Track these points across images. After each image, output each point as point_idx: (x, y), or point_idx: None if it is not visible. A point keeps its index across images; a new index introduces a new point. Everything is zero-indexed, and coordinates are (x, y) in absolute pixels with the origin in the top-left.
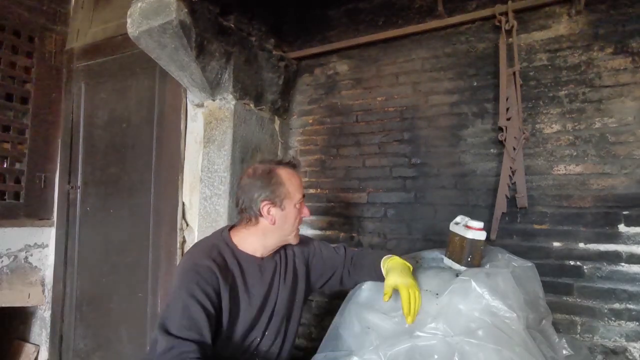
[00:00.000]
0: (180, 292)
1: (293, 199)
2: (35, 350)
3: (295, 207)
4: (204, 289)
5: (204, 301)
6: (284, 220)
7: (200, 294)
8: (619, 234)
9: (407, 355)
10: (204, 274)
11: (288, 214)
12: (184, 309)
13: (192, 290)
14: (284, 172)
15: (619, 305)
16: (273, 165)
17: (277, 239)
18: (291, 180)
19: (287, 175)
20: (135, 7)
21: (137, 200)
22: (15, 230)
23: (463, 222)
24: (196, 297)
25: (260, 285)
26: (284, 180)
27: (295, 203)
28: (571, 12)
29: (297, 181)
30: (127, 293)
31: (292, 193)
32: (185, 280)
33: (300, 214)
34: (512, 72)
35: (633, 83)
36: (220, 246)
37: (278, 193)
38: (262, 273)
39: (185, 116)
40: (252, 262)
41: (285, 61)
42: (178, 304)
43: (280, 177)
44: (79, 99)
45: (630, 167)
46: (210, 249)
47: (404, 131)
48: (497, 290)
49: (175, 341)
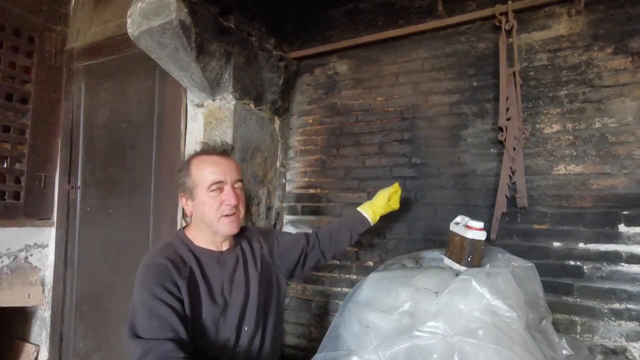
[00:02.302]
0: (142, 295)
1: (202, 186)
2: (35, 350)
3: (207, 195)
4: (164, 286)
5: (167, 299)
6: (201, 210)
7: (162, 292)
8: (619, 234)
9: (406, 355)
10: (159, 272)
11: (200, 203)
12: (151, 311)
13: (153, 291)
14: (196, 160)
15: (619, 305)
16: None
17: (207, 229)
18: (199, 167)
19: (197, 163)
20: (135, 7)
21: (137, 200)
22: (15, 230)
23: (463, 222)
24: (159, 297)
25: (220, 278)
26: (192, 170)
27: (207, 190)
28: (571, 12)
29: (208, 167)
30: (127, 293)
31: (201, 180)
32: (144, 283)
33: (219, 200)
34: (512, 72)
35: (633, 83)
36: (175, 244)
37: (187, 184)
38: (222, 266)
39: (185, 116)
40: (210, 255)
41: (285, 61)
42: (143, 307)
43: (190, 167)
44: (79, 99)
45: (630, 167)
46: (164, 248)
47: (404, 131)
48: (497, 289)
49: (151, 343)
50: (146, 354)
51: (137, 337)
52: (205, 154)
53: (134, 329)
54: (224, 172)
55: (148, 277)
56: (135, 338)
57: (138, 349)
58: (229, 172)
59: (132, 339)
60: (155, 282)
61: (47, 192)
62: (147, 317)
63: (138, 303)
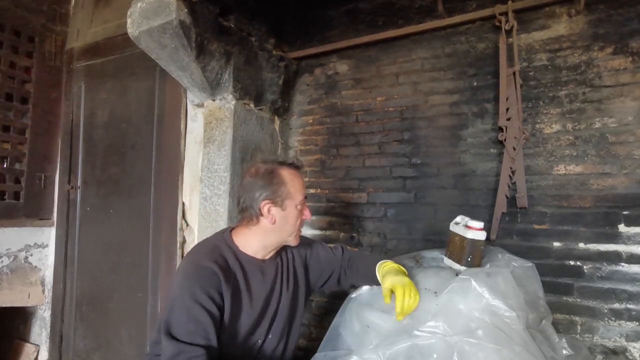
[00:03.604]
0: (183, 296)
1: (295, 199)
2: (35, 350)
3: (296, 208)
4: (208, 292)
5: (208, 305)
6: (285, 221)
7: (204, 297)
8: (619, 234)
9: (406, 355)
10: (207, 277)
11: (289, 215)
12: (189, 314)
13: (195, 294)
14: (286, 172)
15: (619, 305)
16: (276, 165)
17: (277, 240)
18: (293, 180)
19: (289, 175)
20: (135, 7)
21: (137, 200)
22: (15, 230)
23: (463, 222)
24: (200, 301)
25: (262, 287)
26: (286, 181)
27: (296, 204)
28: (571, 12)
29: (299, 182)
30: (127, 293)
31: (294, 194)
32: (188, 284)
33: (302, 215)
34: (512, 72)
35: (633, 83)
36: (222, 247)
37: (279, 193)
38: (263, 275)
39: (185, 116)
40: (253, 264)
41: (285, 61)
42: (182, 308)
43: (283, 177)
44: (79, 99)
45: (630, 167)
46: (212, 250)
47: (404, 131)
48: (497, 289)
49: (183, 346)
50: (176, 356)
51: (172, 337)
52: (295, 168)
53: (169, 328)
54: (305, 189)
55: (194, 279)
56: (170, 338)
57: (170, 348)
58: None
59: (167, 337)
60: (200, 287)
61: (47, 192)
62: (184, 319)
63: (178, 302)
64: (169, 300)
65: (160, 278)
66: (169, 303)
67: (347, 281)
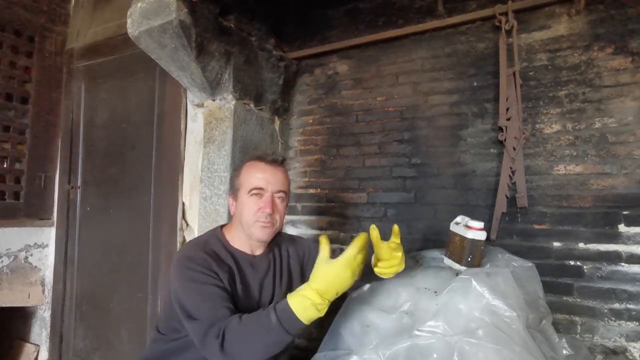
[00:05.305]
0: (186, 285)
1: (244, 188)
2: (35, 350)
3: (247, 197)
4: (207, 273)
5: (211, 281)
6: (239, 210)
7: (205, 277)
8: (619, 234)
9: (406, 354)
10: (200, 263)
11: (242, 204)
12: (202, 295)
13: (196, 277)
14: (247, 164)
15: (619, 305)
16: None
17: (243, 232)
18: (247, 171)
19: (247, 166)
20: (135, 7)
21: (137, 200)
22: (15, 230)
23: (463, 222)
24: (203, 280)
25: (254, 281)
26: (242, 172)
27: (246, 193)
28: (571, 12)
29: (254, 172)
30: (127, 293)
31: (244, 182)
32: (185, 274)
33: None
34: (512, 72)
35: (633, 83)
36: (212, 242)
37: (234, 183)
38: (254, 269)
39: (185, 116)
40: (244, 258)
41: (285, 61)
42: (190, 293)
43: (241, 170)
44: (79, 99)
45: (630, 167)
46: (203, 244)
47: (404, 131)
48: (497, 289)
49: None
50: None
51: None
52: (257, 159)
53: (190, 315)
54: (267, 180)
55: (190, 267)
56: (194, 320)
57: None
58: (272, 182)
59: (190, 322)
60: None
61: (47, 192)
62: (200, 301)
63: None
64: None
65: (160, 278)
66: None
67: None
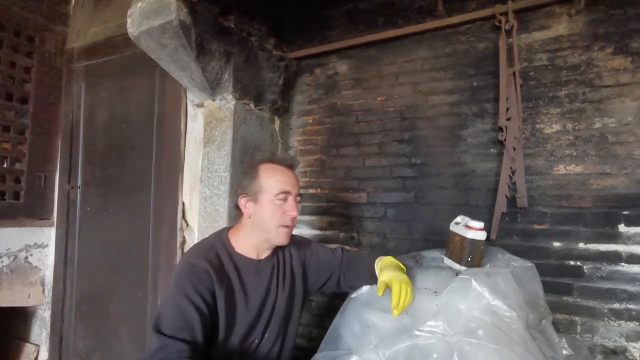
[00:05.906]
0: (175, 293)
1: (269, 193)
2: (35, 350)
3: (272, 202)
4: (199, 291)
5: (198, 302)
6: (262, 215)
7: (194, 295)
8: (619, 234)
9: (406, 354)
10: (199, 275)
11: (264, 209)
12: (178, 309)
13: (186, 291)
14: (266, 167)
15: (619, 305)
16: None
17: (261, 237)
18: (269, 174)
19: (267, 170)
20: (135, 7)
21: (137, 200)
22: (15, 230)
23: (463, 222)
24: (190, 298)
25: (257, 288)
26: (261, 175)
27: (272, 198)
28: (571, 12)
29: (277, 176)
30: (127, 293)
31: (268, 187)
32: (181, 281)
33: (282, 210)
34: (512, 72)
35: (633, 83)
36: (218, 247)
37: (252, 186)
38: (258, 275)
39: (185, 116)
40: (248, 264)
41: (285, 61)
42: (172, 304)
43: (259, 172)
44: (79, 99)
45: (630, 167)
46: (208, 250)
47: (404, 131)
48: (497, 289)
49: (167, 341)
50: (159, 350)
51: (159, 331)
52: (275, 162)
53: (158, 322)
54: (291, 183)
55: (186, 276)
56: (157, 332)
57: (156, 342)
58: (294, 185)
59: (154, 332)
60: (192, 284)
61: (47, 192)
62: (173, 314)
63: (170, 298)
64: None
65: (160, 278)
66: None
67: (347, 283)
